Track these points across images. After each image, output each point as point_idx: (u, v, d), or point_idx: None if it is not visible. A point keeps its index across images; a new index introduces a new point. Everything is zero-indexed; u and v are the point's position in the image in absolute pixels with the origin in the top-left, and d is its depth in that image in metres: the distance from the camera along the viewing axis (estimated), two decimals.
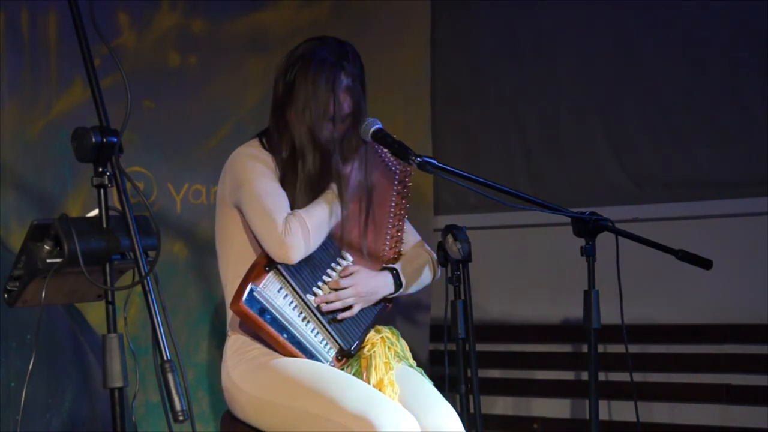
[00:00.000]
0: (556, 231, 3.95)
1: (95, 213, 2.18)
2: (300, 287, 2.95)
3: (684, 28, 4.09)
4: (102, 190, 2.17)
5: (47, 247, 2.15)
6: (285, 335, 2.92)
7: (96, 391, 3.47)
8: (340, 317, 2.99)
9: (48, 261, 2.14)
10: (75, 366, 3.47)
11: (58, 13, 3.50)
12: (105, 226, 2.17)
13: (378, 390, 2.89)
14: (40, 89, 3.50)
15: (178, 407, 2.06)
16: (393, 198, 3.13)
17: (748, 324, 3.93)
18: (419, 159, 2.93)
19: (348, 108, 2.98)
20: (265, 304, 2.90)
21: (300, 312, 2.96)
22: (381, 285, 3.07)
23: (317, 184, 2.97)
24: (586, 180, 4.33)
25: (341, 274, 3.02)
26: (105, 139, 2.14)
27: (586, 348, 3.36)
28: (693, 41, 4.07)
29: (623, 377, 3.64)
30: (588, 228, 3.25)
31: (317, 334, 2.97)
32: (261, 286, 2.90)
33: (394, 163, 3.13)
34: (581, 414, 4.21)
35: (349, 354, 3.00)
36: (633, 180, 4.23)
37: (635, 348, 3.82)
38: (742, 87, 3.98)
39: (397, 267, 3.11)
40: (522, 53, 4.48)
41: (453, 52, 4.65)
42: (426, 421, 2.85)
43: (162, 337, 2.10)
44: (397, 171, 3.14)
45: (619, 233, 3.25)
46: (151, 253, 2.19)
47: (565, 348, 4.32)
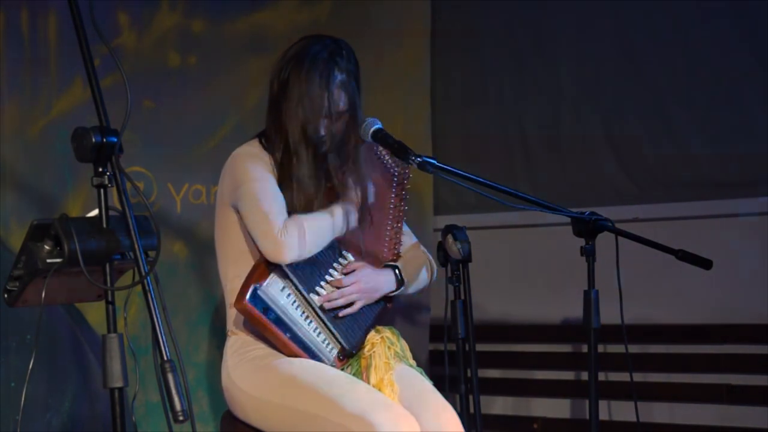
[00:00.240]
0: (556, 231, 3.95)
1: (95, 213, 2.18)
2: (303, 286, 2.95)
3: (684, 28, 4.09)
4: (102, 190, 2.17)
5: (47, 247, 2.15)
6: (288, 334, 2.92)
7: (96, 391, 3.47)
8: (341, 314, 2.99)
9: (48, 261, 2.14)
10: (75, 366, 3.47)
11: (58, 13, 3.50)
12: (105, 226, 2.16)
13: (378, 390, 2.88)
14: (40, 89, 3.50)
15: (178, 407, 2.06)
16: (392, 200, 3.13)
17: (748, 324, 3.92)
18: (419, 159, 2.92)
19: (343, 104, 2.97)
20: (269, 302, 2.90)
21: (303, 311, 2.95)
22: (383, 282, 3.07)
23: (312, 182, 2.96)
24: (586, 180, 4.32)
25: (344, 270, 3.02)
26: (105, 139, 2.14)
27: (586, 348, 3.36)
28: (693, 41, 4.07)
29: (623, 377, 3.64)
30: (588, 228, 3.25)
31: (319, 333, 2.97)
32: (265, 285, 2.90)
33: (392, 166, 3.13)
34: (581, 414, 4.21)
35: (351, 354, 3.00)
36: (633, 180, 4.23)
37: (635, 348, 3.81)
38: (742, 87, 3.98)
39: (399, 265, 3.12)
40: (522, 53, 4.48)
41: (453, 52, 4.65)
42: (426, 422, 2.85)
43: (162, 337, 2.10)
44: (396, 173, 3.13)
45: (619, 233, 3.25)
46: (151, 253, 2.18)
47: (565, 348, 4.31)
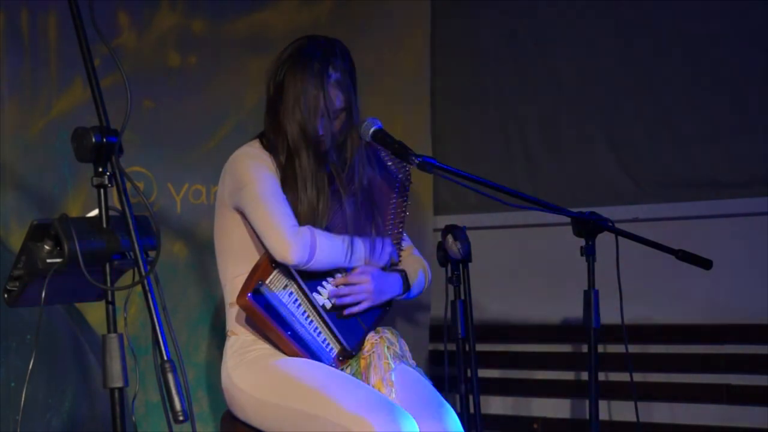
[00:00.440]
0: (556, 231, 3.94)
1: (95, 213, 2.18)
2: (306, 285, 2.95)
3: (684, 28, 4.09)
4: (102, 190, 2.17)
5: (47, 247, 2.15)
6: (288, 333, 2.92)
7: (96, 391, 3.47)
8: (347, 312, 2.99)
9: (48, 261, 2.14)
10: (75, 366, 3.47)
11: (58, 13, 3.49)
12: (105, 226, 2.16)
13: (377, 390, 2.89)
14: (40, 89, 3.50)
15: (178, 407, 2.05)
16: (394, 202, 3.13)
17: (748, 324, 3.92)
18: (419, 159, 2.93)
19: (340, 102, 2.97)
20: (271, 300, 2.90)
21: (304, 310, 2.96)
22: (391, 285, 3.08)
23: (314, 182, 2.96)
24: (586, 180, 4.32)
25: (353, 271, 3.01)
26: (105, 139, 2.14)
27: (586, 348, 3.36)
28: (693, 41, 4.07)
29: (623, 377, 3.64)
30: (588, 228, 3.25)
31: (320, 333, 2.97)
32: (267, 282, 2.90)
33: (395, 169, 3.13)
34: (581, 414, 4.21)
35: (351, 355, 3.00)
36: (633, 180, 4.23)
37: (635, 348, 3.81)
38: (742, 87, 3.98)
39: (406, 270, 3.12)
40: (522, 53, 4.48)
41: (453, 52, 4.65)
42: (425, 422, 2.85)
43: (162, 337, 2.10)
44: (399, 176, 3.13)
45: (619, 233, 3.25)
46: (151, 253, 2.18)
47: (565, 348, 4.31)
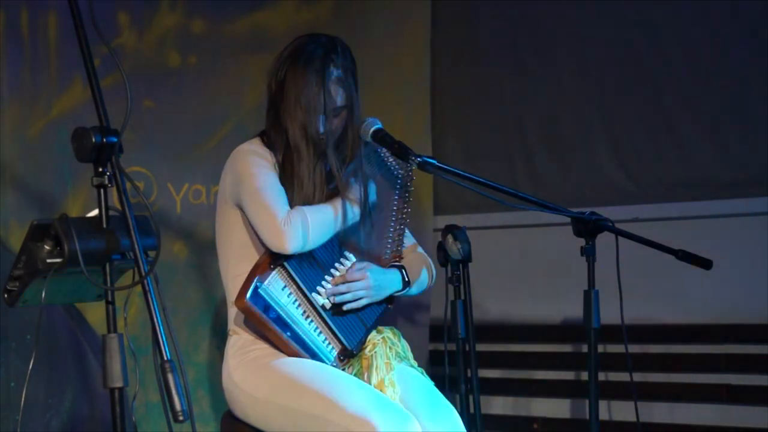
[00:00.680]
0: (556, 231, 3.95)
1: (95, 213, 2.18)
2: (305, 285, 2.95)
3: (684, 28, 4.09)
4: (102, 190, 2.17)
5: (47, 247, 2.15)
6: (288, 333, 2.91)
7: (96, 391, 3.47)
8: (346, 308, 2.99)
9: (48, 261, 2.14)
10: (75, 366, 3.47)
11: (58, 13, 3.50)
12: (105, 226, 2.17)
13: (379, 390, 2.89)
14: (40, 89, 3.50)
15: (178, 407, 2.06)
16: (395, 201, 3.13)
17: (748, 324, 3.92)
18: (419, 159, 2.92)
19: (341, 100, 2.96)
20: (270, 301, 2.90)
21: (304, 311, 2.95)
22: (390, 281, 3.07)
23: (313, 180, 2.95)
24: (586, 180, 4.32)
25: (351, 268, 3.01)
26: (105, 139, 2.14)
27: (586, 348, 3.36)
28: (693, 42, 4.07)
29: (623, 377, 3.64)
30: (588, 228, 3.25)
31: (320, 333, 2.97)
32: (266, 283, 2.90)
33: (396, 167, 3.13)
34: (581, 414, 4.21)
35: (352, 354, 2.99)
36: (633, 180, 4.23)
37: (635, 348, 3.81)
38: (742, 88, 3.98)
39: (405, 265, 3.12)
40: (522, 53, 4.48)
41: (453, 52, 4.65)
42: (426, 422, 2.85)
43: (162, 337, 2.10)
44: (400, 175, 3.13)
45: (619, 233, 3.25)
46: (151, 253, 2.18)
47: (565, 348, 4.31)
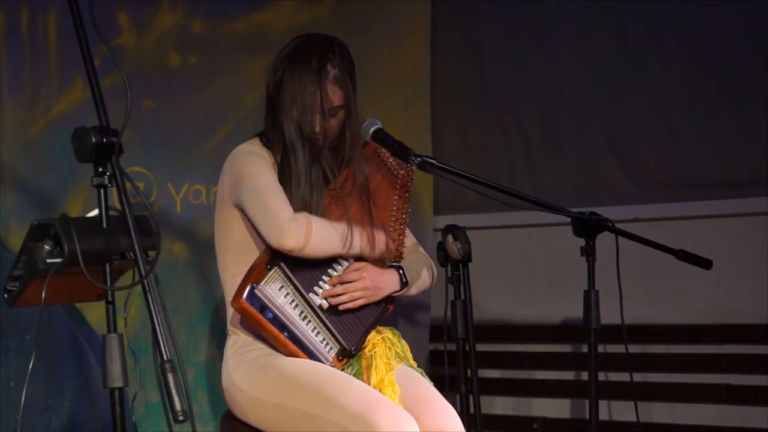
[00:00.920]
0: (556, 231, 3.95)
1: (95, 213, 2.18)
2: (302, 286, 2.94)
3: (684, 28, 4.09)
4: (102, 190, 2.17)
5: (47, 247, 2.15)
6: (286, 333, 2.91)
7: (96, 391, 3.47)
8: (342, 308, 2.98)
9: (48, 261, 2.14)
10: (75, 366, 3.47)
11: (58, 13, 3.49)
12: (105, 226, 2.17)
13: (378, 390, 2.88)
14: (40, 89, 3.50)
15: (178, 407, 2.05)
16: (395, 201, 3.12)
17: (748, 324, 3.92)
18: (419, 159, 2.93)
19: (338, 100, 2.97)
20: (266, 301, 2.90)
21: (301, 311, 2.95)
22: (388, 281, 3.06)
23: (310, 180, 2.95)
24: (586, 180, 4.32)
25: (348, 269, 3.01)
26: (105, 139, 2.14)
27: (586, 348, 3.36)
28: (693, 41, 4.07)
29: (623, 377, 3.64)
30: (588, 228, 3.25)
31: (318, 333, 2.96)
32: (262, 283, 2.90)
33: (396, 167, 3.12)
34: (581, 414, 4.21)
35: (350, 354, 2.99)
36: (633, 180, 4.23)
37: (635, 348, 3.81)
38: (742, 87, 3.98)
39: (403, 266, 3.11)
40: (522, 53, 4.48)
41: (453, 52, 4.65)
42: (426, 422, 2.84)
43: (162, 337, 2.10)
44: (399, 175, 3.13)
45: (619, 233, 3.25)
46: (151, 253, 2.18)
47: (565, 348, 4.31)
